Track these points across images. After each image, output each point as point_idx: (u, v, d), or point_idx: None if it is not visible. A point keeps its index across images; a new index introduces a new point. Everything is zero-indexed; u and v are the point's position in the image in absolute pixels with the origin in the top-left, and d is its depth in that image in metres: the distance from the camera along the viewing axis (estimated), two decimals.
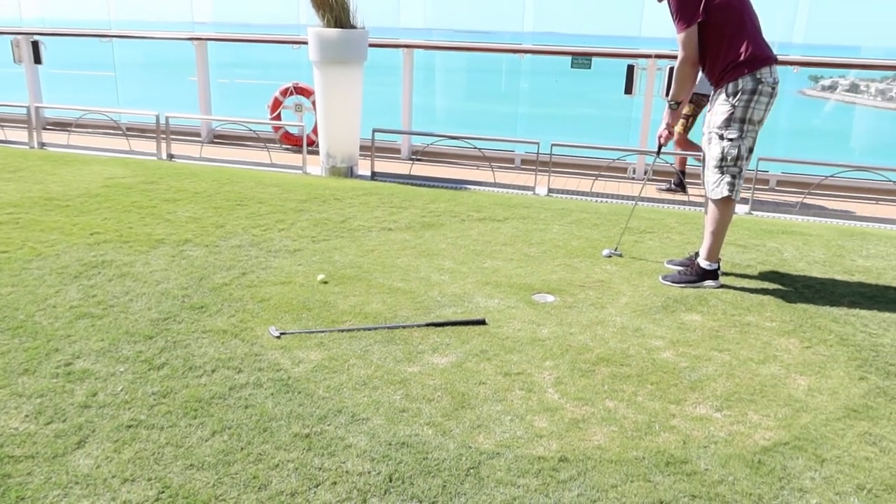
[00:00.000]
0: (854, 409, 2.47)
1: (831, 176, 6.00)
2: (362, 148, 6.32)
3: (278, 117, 7.57)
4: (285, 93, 7.51)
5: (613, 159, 6.55)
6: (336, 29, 5.70)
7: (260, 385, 2.47)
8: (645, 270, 3.82)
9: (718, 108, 3.44)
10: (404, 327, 2.98)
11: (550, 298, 3.37)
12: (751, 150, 3.49)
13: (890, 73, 9.66)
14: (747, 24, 3.36)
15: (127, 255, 3.75)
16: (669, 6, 3.42)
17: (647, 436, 2.25)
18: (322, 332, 2.91)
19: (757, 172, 5.58)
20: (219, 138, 8.04)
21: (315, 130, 6.88)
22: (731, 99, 3.38)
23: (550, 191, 5.75)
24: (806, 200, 5.65)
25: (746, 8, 3.39)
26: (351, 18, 5.80)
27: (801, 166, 6.62)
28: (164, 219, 4.44)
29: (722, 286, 3.61)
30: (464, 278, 3.59)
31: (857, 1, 7.65)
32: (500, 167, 6.88)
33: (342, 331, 2.92)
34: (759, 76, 3.34)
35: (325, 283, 3.46)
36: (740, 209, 5.40)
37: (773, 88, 3.38)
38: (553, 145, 5.96)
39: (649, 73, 6.50)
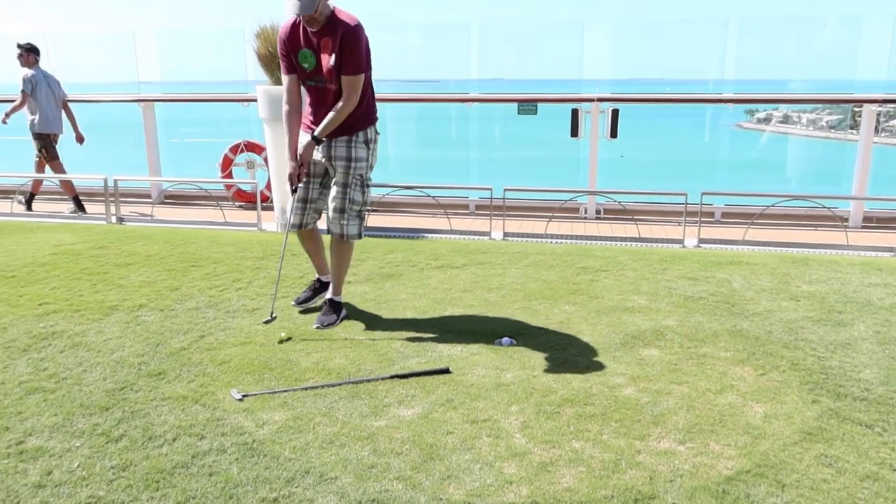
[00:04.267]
0: (809, 432, 2.55)
1: (772, 206, 6.26)
2: None
3: (230, 175, 7.55)
4: (236, 150, 7.52)
5: (565, 200, 6.72)
6: None
7: (224, 451, 2.43)
8: (602, 309, 3.89)
9: (359, 154, 3.58)
10: (369, 381, 2.97)
11: (513, 342, 3.40)
12: None
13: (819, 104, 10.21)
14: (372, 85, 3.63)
15: (78, 324, 3.66)
16: (346, 43, 3.37)
17: (614, 474, 2.28)
18: (285, 391, 2.88)
19: (702, 206, 5.78)
20: (170, 199, 7.97)
21: (269, 186, 6.88)
22: (365, 146, 3.61)
23: (506, 235, 5.85)
24: (750, 230, 5.86)
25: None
26: None
27: (744, 197, 6.90)
28: (116, 284, 4.36)
29: (677, 320, 3.71)
30: (425, 328, 3.60)
31: (783, 36, 8.11)
32: (456, 214, 6.97)
33: (306, 389, 2.89)
34: (376, 129, 3.69)
35: (289, 339, 3.43)
36: (689, 242, 5.57)
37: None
38: (506, 190, 6.08)
39: (593, 116, 6.74)
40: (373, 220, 6.51)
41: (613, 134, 6.66)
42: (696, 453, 2.41)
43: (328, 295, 3.80)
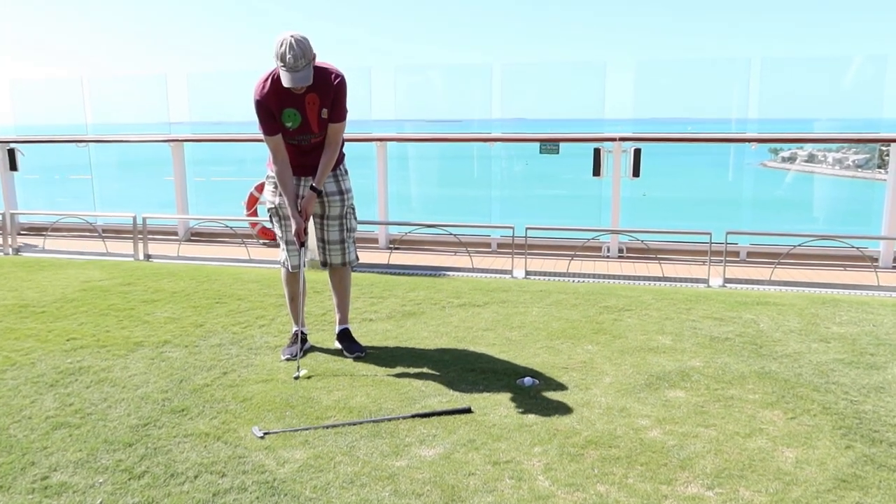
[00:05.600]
0: (843, 479, 2.47)
1: (799, 245, 6.19)
2: None
3: (255, 213, 7.66)
4: (260, 188, 7.64)
5: (587, 239, 6.70)
6: None
7: (244, 489, 2.41)
8: (626, 349, 3.85)
9: (348, 186, 3.79)
10: (390, 420, 2.95)
11: (535, 382, 3.36)
12: None
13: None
14: None
15: (105, 359, 3.70)
16: (338, 93, 3.47)
17: None
18: (307, 429, 2.86)
19: (727, 245, 5.73)
20: (196, 236, 8.09)
21: None
22: (347, 175, 3.80)
23: (528, 273, 5.83)
24: (777, 270, 5.78)
25: None
26: None
27: (769, 237, 6.83)
28: (142, 321, 4.41)
29: (703, 361, 3.64)
30: (447, 366, 3.59)
31: (807, 76, 8.10)
32: (477, 252, 6.98)
33: (327, 427, 2.88)
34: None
35: (309, 377, 3.43)
36: (714, 282, 5.51)
37: None
38: (528, 229, 6.09)
39: (615, 155, 6.76)
40: (395, 258, 6.54)
41: (636, 173, 6.67)
42: (725, 499, 2.34)
43: (342, 326, 3.88)
